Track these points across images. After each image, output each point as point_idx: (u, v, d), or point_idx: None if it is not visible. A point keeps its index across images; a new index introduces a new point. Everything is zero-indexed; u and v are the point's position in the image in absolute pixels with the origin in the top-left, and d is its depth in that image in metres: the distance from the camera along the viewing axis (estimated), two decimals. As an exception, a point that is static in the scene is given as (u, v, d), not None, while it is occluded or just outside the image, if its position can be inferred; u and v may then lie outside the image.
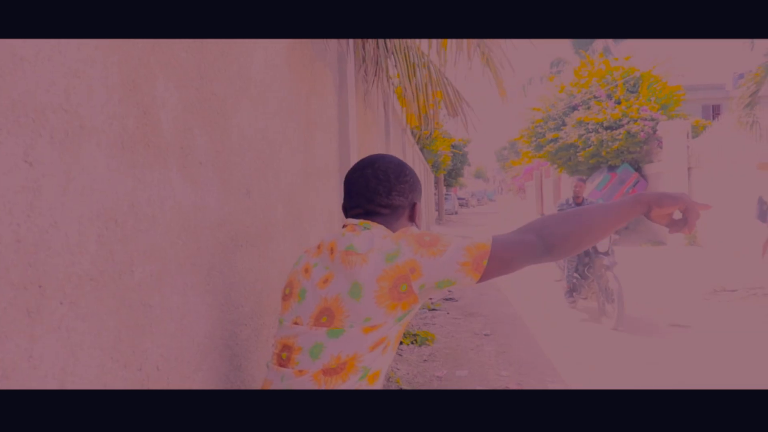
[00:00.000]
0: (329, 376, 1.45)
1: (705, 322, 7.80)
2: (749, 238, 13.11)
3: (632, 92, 19.98)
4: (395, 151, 7.65)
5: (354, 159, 4.09)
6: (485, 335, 7.16)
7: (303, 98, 3.00)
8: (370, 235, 1.56)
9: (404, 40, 4.25)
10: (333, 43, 3.67)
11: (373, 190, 1.69)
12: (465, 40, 4.19)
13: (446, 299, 9.65)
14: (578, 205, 8.36)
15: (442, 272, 1.44)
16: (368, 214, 1.69)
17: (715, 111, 31.37)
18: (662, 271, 12.71)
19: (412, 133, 12.08)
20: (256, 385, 2.05)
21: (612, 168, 19.91)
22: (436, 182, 34.47)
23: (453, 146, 31.22)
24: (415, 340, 6.57)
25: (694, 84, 31.35)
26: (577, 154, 20.18)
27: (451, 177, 40.85)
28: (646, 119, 18.81)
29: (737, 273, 11.55)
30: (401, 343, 6.50)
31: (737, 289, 9.86)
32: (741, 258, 13.20)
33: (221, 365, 1.78)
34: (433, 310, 8.70)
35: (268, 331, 2.22)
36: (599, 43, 29.68)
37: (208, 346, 1.69)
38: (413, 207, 1.75)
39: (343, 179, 4.03)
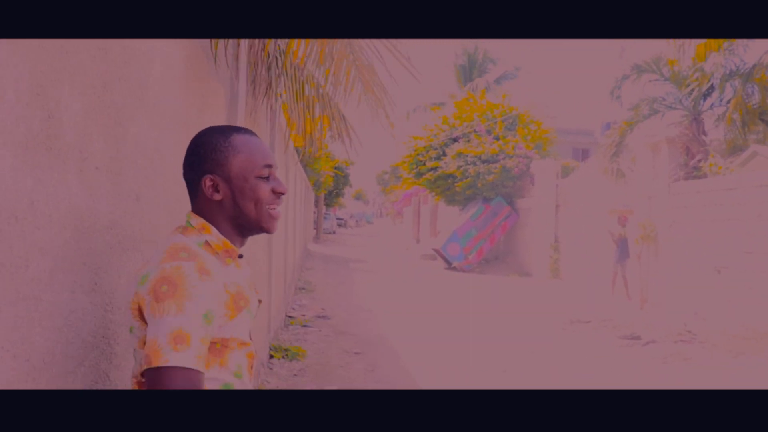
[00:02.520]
0: None
1: (562, 348, 8.37)
2: (605, 274, 14.10)
3: (510, 130, 21.07)
4: (279, 169, 7.72)
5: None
6: (355, 353, 7.34)
7: (195, 112, 3.08)
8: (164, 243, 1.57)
9: (293, 61, 4.39)
10: (229, 57, 3.76)
11: None
12: (345, 65, 4.37)
13: (319, 317, 9.77)
14: None
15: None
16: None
17: (584, 155, 33.49)
18: (528, 299, 13.44)
19: (297, 151, 12.18)
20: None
21: (487, 200, 20.83)
22: (317, 201, 34.61)
23: (336, 167, 31.51)
24: (286, 355, 6.65)
25: (567, 128, 33.40)
26: (455, 184, 20.96)
27: (331, 197, 41.12)
28: (520, 156, 19.88)
29: (592, 306, 12.40)
30: (272, 357, 6.56)
31: (591, 320, 10.60)
32: (596, 292, 14.16)
33: (102, 363, 1.84)
34: (305, 326, 8.80)
35: (146, 335, 2.28)
36: (481, 81, 31.00)
37: (92, 343, 1.76)
38: (202, 179, 1.57)
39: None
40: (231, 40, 3.50)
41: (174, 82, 2.62)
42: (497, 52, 34.88)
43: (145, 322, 1.45)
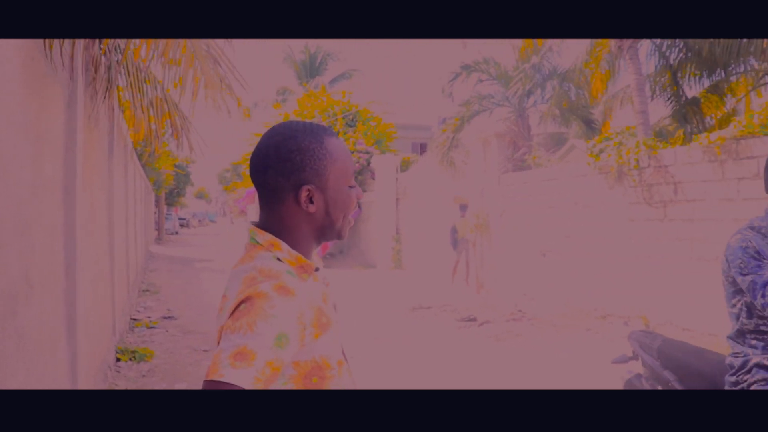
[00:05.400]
0: None
1: (406, 333, 8.84)
2: (444, 262, 14.87)
3: (350, 126, 21.54)
4: (117, 168, 7.55)
5: (80, 173, 4.14)
6: (204, 351, 7.36)
7: (34, 113, 3.07)
8: (236, 273, 1.39)
9: (135, 59, 4.40)
10: (66, 58, 3.72)
11: (253, 166, 1.46)
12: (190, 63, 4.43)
13: (165, 318, 9.63)
14: None
15: None
16: (259, 195, 1.50)
17: (423, 148, 34.66)
18: (372, 290, 13.91)
19: (136, 149, 11.86)
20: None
21: (329, 195, 21.17)
22: (157, 201, 33.48)
23: (176, 166, 30.62)
24: (134, 357, 6.56)
25: (406, 123, 34.45)
26: (299, 179, 21.12)
27: (172, 196, 39.90)
28: (361, 152, 20.40)
29: (432, 293, 13.07)
30: (119, 360, 6.45)
31: (432, 306, 11.20)
32: (436, 279, 14.90)
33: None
34: (152, 328, 8.66)
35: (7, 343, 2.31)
36: (320, 79, 31.32)
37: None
38: (299, 190, 1.41)
39: (68, 194, 4.05)
40: (66, 41, 3.47)
41: (12, 83, 2.63)
42: (337, 49, 35.20)
43: None
